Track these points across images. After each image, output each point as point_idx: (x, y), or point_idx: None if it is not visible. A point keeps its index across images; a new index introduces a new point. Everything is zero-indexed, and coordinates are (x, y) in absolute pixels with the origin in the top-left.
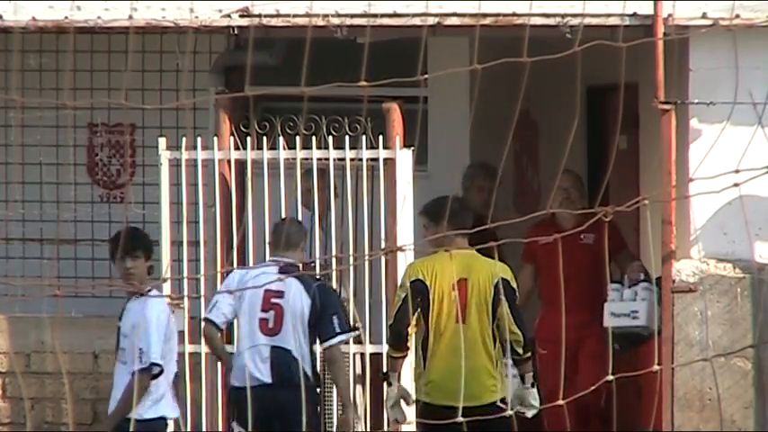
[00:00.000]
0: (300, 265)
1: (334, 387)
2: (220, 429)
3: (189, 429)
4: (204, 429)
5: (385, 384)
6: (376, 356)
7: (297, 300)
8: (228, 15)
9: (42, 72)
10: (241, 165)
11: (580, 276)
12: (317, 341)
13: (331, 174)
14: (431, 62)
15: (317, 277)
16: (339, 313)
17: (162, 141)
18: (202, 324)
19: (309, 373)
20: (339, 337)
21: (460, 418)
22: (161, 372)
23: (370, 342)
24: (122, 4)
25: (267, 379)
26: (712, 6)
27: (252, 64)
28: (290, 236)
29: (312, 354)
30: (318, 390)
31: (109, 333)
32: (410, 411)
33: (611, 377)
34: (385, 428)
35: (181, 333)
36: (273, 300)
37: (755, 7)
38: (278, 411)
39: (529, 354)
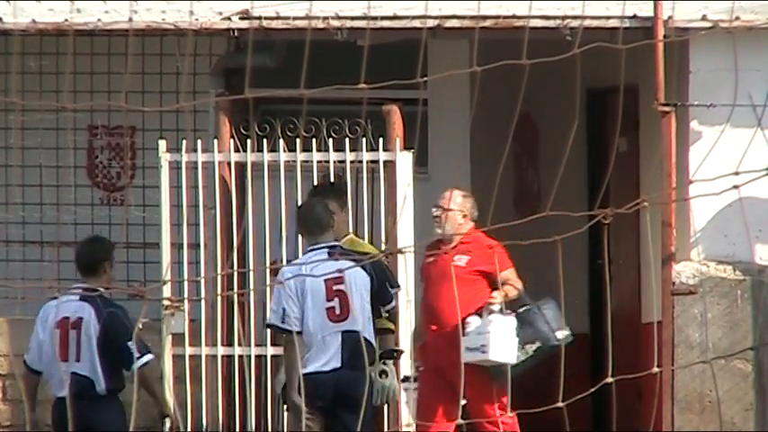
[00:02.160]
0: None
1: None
2: (220, 431)
3: (189, 431)
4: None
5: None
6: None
7: (358, 280)
8: (228, 18)
9: (42, 74)
10: (241, 167)
11: (450, 298)
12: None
13: (331, 174)
14: (431, 64)
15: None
16: (389, 277)
17: (162, 144)
18: (282, 334)
19: (374, 350)
20: (395, 299)
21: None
22: None
23: None
24: (122, 6)
25: (337, 364)
26: (712, 8)
27: (252, 66)
28: (321, 218)
29: (375, 328)
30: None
31: None
32: None
33: (610, 379)
34: (385, 428)
35: (181, 335)
36: (335, 287)
37: (755, 9)
38: (349, 392)
39: None
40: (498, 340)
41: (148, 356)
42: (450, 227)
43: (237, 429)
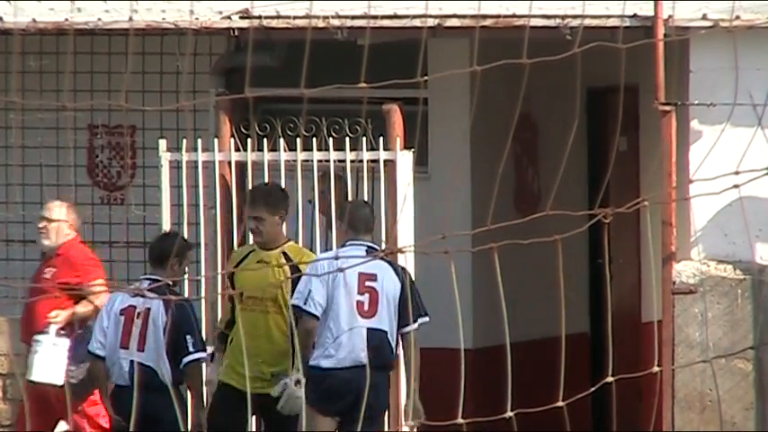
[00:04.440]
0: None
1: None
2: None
3: (189, 430)
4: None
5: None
6: None
7: (389, 282)
8: (229, 17)
9: (42, 74)
10: (241, 166)
11: (32, 313)
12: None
13: (329, 175)
14: (431, 63)
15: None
16: (418, 299)
17: (162, 143)
18: (300, 315)
19: (394, 354)
20: (419, 321)
21: None
22: None
23: None
24: (122, 5)
25: (364, 360)
26: (712, 7)
27: (252, 65)
28: (368, 219)
29: (396, 336)
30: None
31: None
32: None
33: (610, 378)
34: (385, 429)
35: None
36: (368, 283)
37: (756, 8)
38: (372, 390)
39: None
40: (41, 361)
41: (200, 354)
42: (56, 237)
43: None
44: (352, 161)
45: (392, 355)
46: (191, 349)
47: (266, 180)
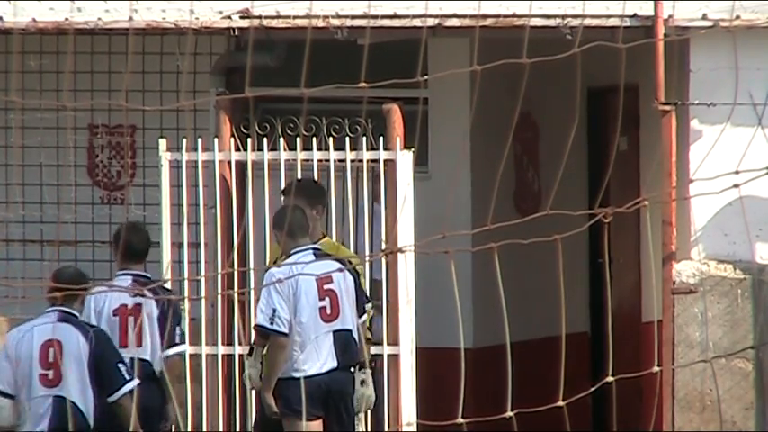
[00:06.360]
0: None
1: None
2: (221, 430)
3: (189, 430)
4: (204, 430)
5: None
6: (374, 357)
7: (346, 279)
8: (229, 17)
9: (43, 73)
10: (241, 166)
11: None
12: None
13: (342, 175)
14: (431, 63)
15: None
16: (363, 290)
17: (162, 143)
18: (267, 335)
19: (359, 349)
20: (366, 308)
21: None
22: None
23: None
24: (123, 5)
25: (333, 363)
26: (713, 7)
27: (252, 65)
28: (302, 223)
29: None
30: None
31: None
32: None
33: (610, 378)
34: (385, 428)
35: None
36: (326, 286)
37: (756, 8)
38: (341, 391)
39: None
40: None
41: (182, 347)
42: None
43: (238, 429)
44: (352, 161)
45: (359, 350)
46: (177, 341)
47: (266, 180)
